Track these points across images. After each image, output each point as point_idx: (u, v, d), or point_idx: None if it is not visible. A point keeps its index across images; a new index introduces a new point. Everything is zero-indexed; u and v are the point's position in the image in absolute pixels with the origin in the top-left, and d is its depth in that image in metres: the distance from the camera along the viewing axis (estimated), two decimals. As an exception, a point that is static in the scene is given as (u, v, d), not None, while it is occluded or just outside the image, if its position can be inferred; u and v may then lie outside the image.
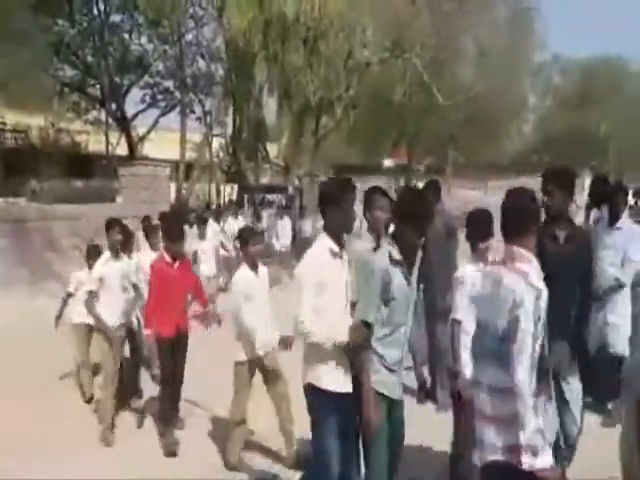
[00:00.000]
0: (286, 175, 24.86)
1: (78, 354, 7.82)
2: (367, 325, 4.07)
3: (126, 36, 27.90)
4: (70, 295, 7.95)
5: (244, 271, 6.05)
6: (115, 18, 26.75)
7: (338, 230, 4.37)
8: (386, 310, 4.12)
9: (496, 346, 3.55)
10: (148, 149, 31.75)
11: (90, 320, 7.16)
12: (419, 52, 24.14)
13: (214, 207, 26.45)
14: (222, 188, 33.61)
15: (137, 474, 5.62)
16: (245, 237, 6.08)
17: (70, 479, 5.53)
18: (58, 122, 28.64)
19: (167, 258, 6.60)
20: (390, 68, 27.05)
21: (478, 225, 5.03)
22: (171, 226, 6.79)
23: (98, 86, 28.52)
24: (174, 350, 6.53)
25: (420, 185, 9.30)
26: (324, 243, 4.35)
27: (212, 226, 14.57)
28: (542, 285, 3.47)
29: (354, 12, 19.24)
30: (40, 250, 15.62)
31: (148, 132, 32.09)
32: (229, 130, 26.29)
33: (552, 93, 60.99)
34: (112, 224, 7.14)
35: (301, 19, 17.40)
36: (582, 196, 8.86)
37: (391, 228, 4.78)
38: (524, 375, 3.39)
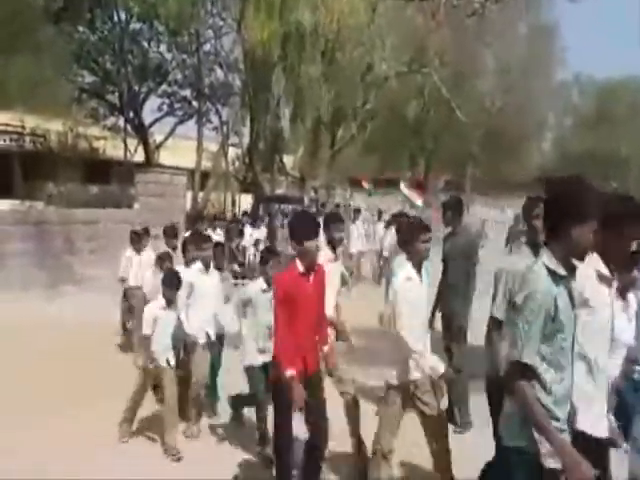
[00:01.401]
0: (302, 187, 24.90)
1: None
2: (525, 368, 3.07)
3: (145, 44, 28.06)
4: (147, 338, 6.26)
5: (408, 272, 4.93)
6: (135, 26, 26.95)
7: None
8: (550, 348, 3.12)
9: None
10: (164, 157, 31.82)
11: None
12: (437, 67, 24.17)
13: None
14: (237, 198, 33.66)
15: None
16: (412, 231, 5.03)
17: (73, 479, 5.37)
18: (76, 127, 28.79)
19: (300, 267, 4.86)
20: (408, 82, 27.10)
21: None
22: (305, 222, 5.01)
23: (117, 93, 28.70)
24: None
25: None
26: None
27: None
28: None
29: (373, 25, 19.31)
30: (58, 253, 15.77)
31: (165, 140, 32.18)
32: (245, 140, 26.34)
33: (571, 112, 60.77)
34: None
35: (319, 31, 17.46)
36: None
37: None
38: None
